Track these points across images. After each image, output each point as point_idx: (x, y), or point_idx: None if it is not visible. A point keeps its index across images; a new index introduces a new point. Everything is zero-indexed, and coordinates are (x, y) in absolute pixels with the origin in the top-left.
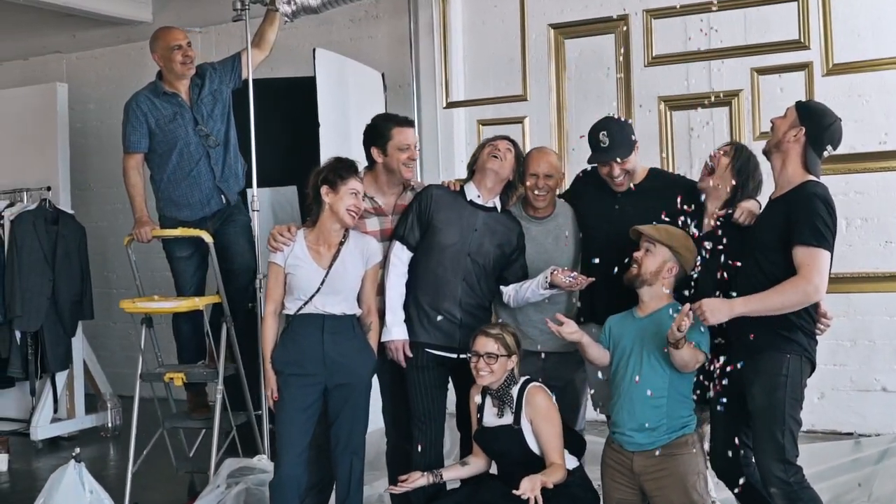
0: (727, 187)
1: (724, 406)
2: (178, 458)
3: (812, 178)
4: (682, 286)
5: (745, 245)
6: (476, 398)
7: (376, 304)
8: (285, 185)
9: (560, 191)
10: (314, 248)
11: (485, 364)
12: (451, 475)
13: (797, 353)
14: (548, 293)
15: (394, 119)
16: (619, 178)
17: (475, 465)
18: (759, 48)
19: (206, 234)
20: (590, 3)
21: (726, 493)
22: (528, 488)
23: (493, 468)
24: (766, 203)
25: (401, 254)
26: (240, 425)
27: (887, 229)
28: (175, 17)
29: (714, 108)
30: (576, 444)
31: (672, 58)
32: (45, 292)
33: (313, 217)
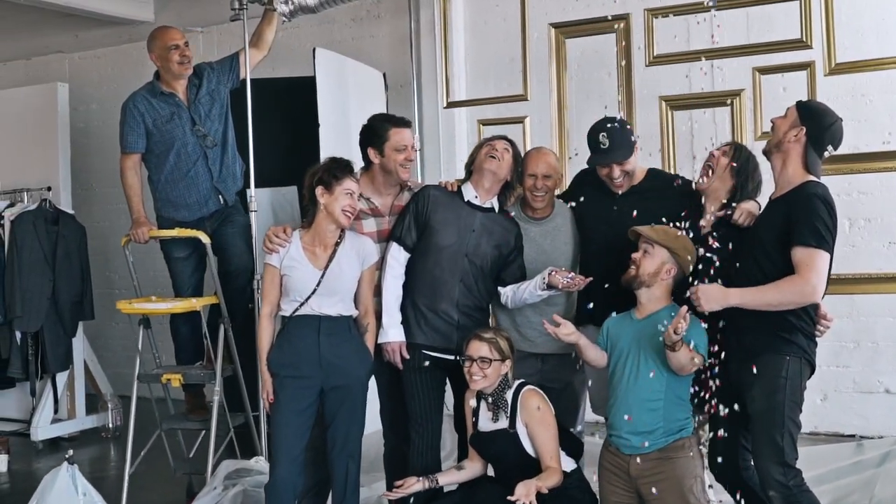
0: (726, 188)
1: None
2: (176, 459)
3: (812, 178)
4: (681, 288)
5: (744, 246)
6: (471, 402)
7: (373, 306)
8: (285, 185)
9: (559, 191)
10: (310, 249)
11: (478, 369)
12: (446, 480)
13: (797, 355)
14: (545, 294)
15: (391, 120)
16: (618, 180)
17: (471, 470)
18: (760, 47)
19: (202, 235)
20: (592, 3)
21: (724, 495)
22: (523, 494)
23: (490, 470)
24: (766, 203)
25: (398, 255)
26: (238, 426)
27: (891, 230)
28: (177, 17)
29: (716, 108)
30: (573, 447)
31: (673, 57)
32: (45, 293)
33: (309, 218)
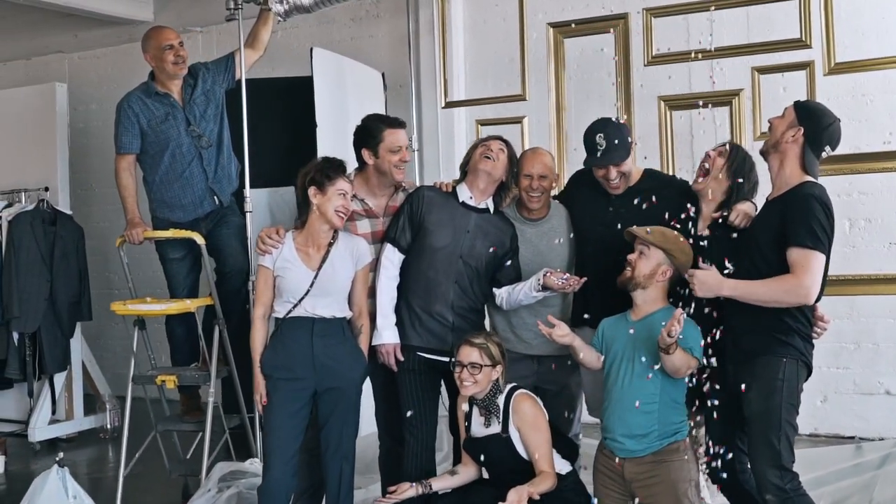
0: (722, 188)
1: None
2: (171, 460)
3: (810, 178)
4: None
5: (740, 247)
6: (463, 406)
7: (367, 307)
8: (283, 185)
9: (556, 191)
10: (303, 249)
11: (469, 374)
12: (440, 485)
13: (793, 357)
14: (540, 295)
15: (385, 120)
16: (614, 181)
17: (465, 474)
18: (759, 47)
19: (197, 236)
20: (591, 2)
21: (721, 498)
22: (515, 500)
23: (485, 473)
24: (763, 204)
25: (392, 256)
26: (233, 428)
27: (891, 230)
28: (176, 17)
29: (716, 108)
30: (568, 449)
31: (672, 57)
32: (42, 293)
33: (302, 219)
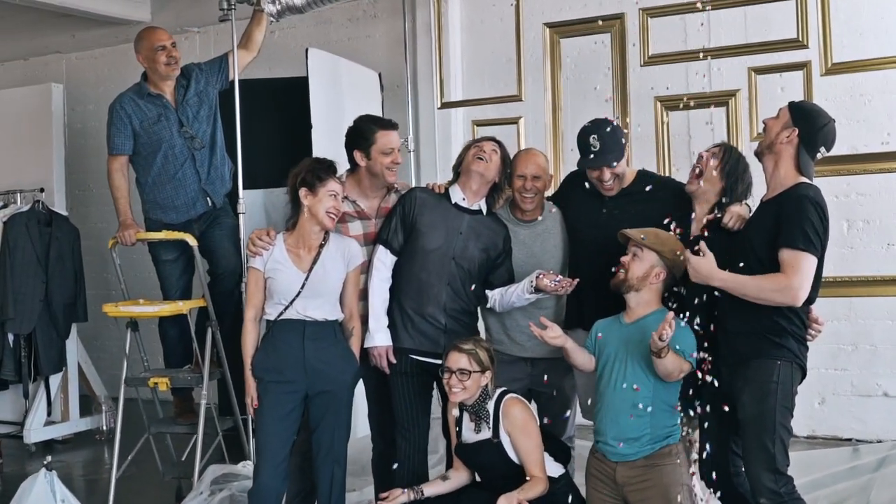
0: (715, 190)
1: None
2: (165, 463)
3: (805, 180)
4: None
5: (734, 249)
6: (454, 411)
7: (359, 310)
8: (279, 186)
9: (549, 192)
10: (294, 251)
11: (457, 381)
12: (432, 491)
13: (788, 359)
14: (533, 297)
15: (377, 122)
16: (608, 183)
17: (457, 479)
18: (756, 47)
19: (189, 237)
20: (588, 2)
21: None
22: None
23: (478, 476)
24: (757, 205)
25: (384, 258)
26: (227, 430)
27: (890, 231)
28: (173, 17)
29: (714, 109)
30: (560, 452)
31: (668, 57)
32: (37, 295)
33: (293, 220)
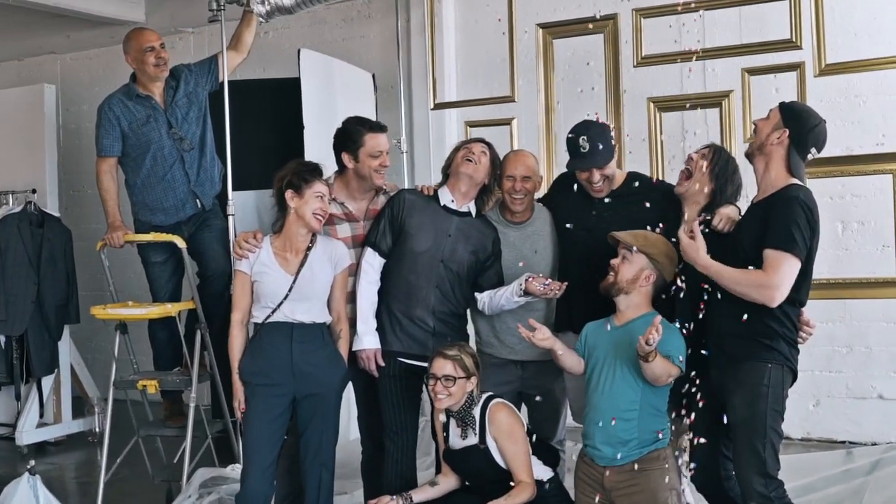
0: (705, 192)
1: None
2: (155, 465)
3: (795, 181)
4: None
5: (724, 251)
6: (441, 417)
7: (347, 313)
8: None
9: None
10: (281, 254)
11: (442, 387)
12: (421, 497)
13: (778, 362)
14: (522, 300)
15: (366, 124)
16: (598, 185)
17: (445, 484)
18: (750, 48)
19: (178, 239)
20: (582, 3)
21: None
22: None
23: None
24: (747, 207)
25: (373, 260)
26: (217, 433)
27: (884, 233)
28: (168, 18)
29: (707, 110)
30: (549, 456)
31: (662, 58)
32: (29, 296)
33: (279, 223)
